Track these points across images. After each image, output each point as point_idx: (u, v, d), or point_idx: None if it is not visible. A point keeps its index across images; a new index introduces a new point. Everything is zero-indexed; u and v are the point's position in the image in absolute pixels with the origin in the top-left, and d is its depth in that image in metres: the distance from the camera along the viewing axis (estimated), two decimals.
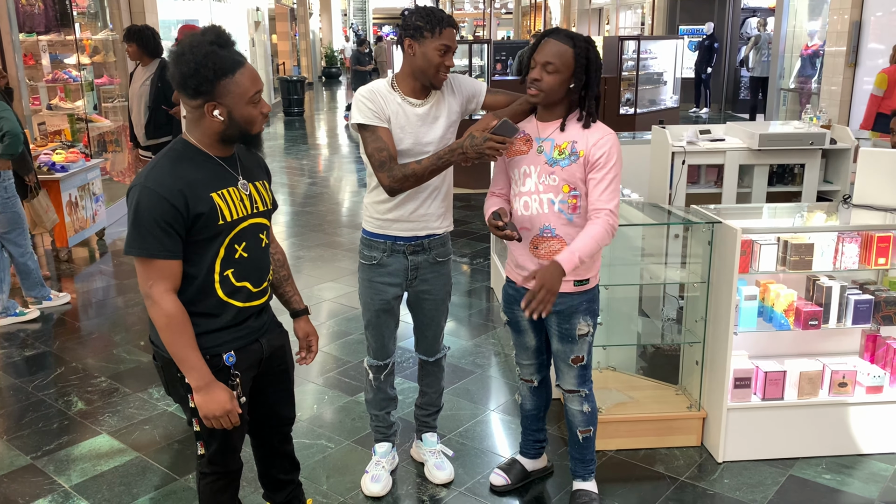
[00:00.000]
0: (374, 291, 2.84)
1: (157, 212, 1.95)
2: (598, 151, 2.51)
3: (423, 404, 3.17)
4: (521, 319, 2.77)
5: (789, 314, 3.18)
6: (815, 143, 4.71)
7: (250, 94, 2.03)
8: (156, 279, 1.99)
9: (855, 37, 8.60)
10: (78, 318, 5.05)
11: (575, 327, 2.67)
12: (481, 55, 8.94)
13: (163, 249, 1.97)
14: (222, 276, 2.09)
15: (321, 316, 4.95)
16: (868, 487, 3.05)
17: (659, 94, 10.87)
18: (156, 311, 2.00)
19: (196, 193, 2.01)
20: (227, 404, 2.07)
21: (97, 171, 6.80)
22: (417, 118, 2.64)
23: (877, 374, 3.24)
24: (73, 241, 6.27)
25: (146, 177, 1.99)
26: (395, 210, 2.73)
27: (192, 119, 2.06)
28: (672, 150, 4.72)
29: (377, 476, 3.04)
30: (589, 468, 2.92)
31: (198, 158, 2.07)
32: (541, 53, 2.50)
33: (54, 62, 7.68)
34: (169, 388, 2.22)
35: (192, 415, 2.15)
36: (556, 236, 2.60)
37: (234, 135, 2.07)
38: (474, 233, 6.91)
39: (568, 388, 2.80)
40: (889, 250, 3.13)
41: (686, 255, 3.66)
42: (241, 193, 2.12)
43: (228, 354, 2.13)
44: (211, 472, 2.29)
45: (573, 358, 2.72)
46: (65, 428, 3.60)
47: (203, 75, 1.95)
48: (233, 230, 2.09)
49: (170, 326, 2.01)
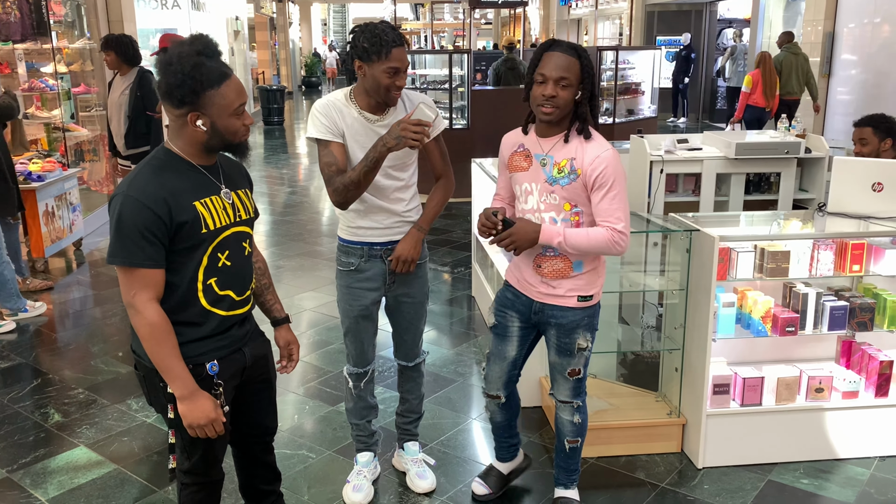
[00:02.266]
0: (352, 297, 2.85)
1: (140, 221, 1.95)
2: (595, 172, 2.45)
3: (403, 412, 3.17)
4: (510, 325, 2.76)
5: (767, 321, 3.21)
6: (791, 151, 4.78)
7: (234, 107, 2.04)
8: (139, 288, 1.98)
9: (828, 47, 8.74)
10: (55, 329, 4.98)
11: (575, 342, 2.66)
12: (461, 65, 8.98)
13: (146, 258, 1.97)
14: (205, 284, 2.09)
15: (301, 325, 4.92)
16: (845, 492, 3.09)
17: (637, 104, 10.96)
18: (139, 320, 1.99)
19: (179, 202, 2.00)
20: (211, 413, 2.07)
21: (74, 180, 6.73)
22: (374, 134, 2.64)
23: (852, 380, 3.29)
24: (50, 252, 6.19)
25: (129, 185, 1.99)
26: (366, 219, 2.77)
27: (174, 128, 2.06)
28: (650, 159, 4.77)
29: (358, 486, 3.03)
30: (572, 477, 2.93)
31: (180, 167, 2.07)
32: (550, 68, 2.41)
33: (30, 71, 7.59)
34: (150, 399, 2.21)
35: (170, 425, 2.14)
36: (559, 255, 2.57)
37: (217, 145, 2.08)
38: (455, 241, 6.92)
39: (562, 399, 2.80)
40: (863, 257, 3.18)
41: (665, 262, 3.70)
42: (223, 202, 2.12)
43: (211, 364, 2.13)
44: (192, 482, 2.27)
45: (570, 371, 2.72)
46: (41, 440, 3.55)
47: (189, 86, 1.95)
48: (216, 238, 2.09)
49: (153, 335, 2.00)
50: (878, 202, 3.32)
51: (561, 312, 2.62)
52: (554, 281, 2.60)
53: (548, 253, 2.58)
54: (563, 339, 2.66)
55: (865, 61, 8.45)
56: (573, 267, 2.59)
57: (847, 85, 8.69)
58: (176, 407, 2.08)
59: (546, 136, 2.55)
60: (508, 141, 2.69)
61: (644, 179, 4.83)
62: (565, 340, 2.66)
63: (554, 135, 2.53)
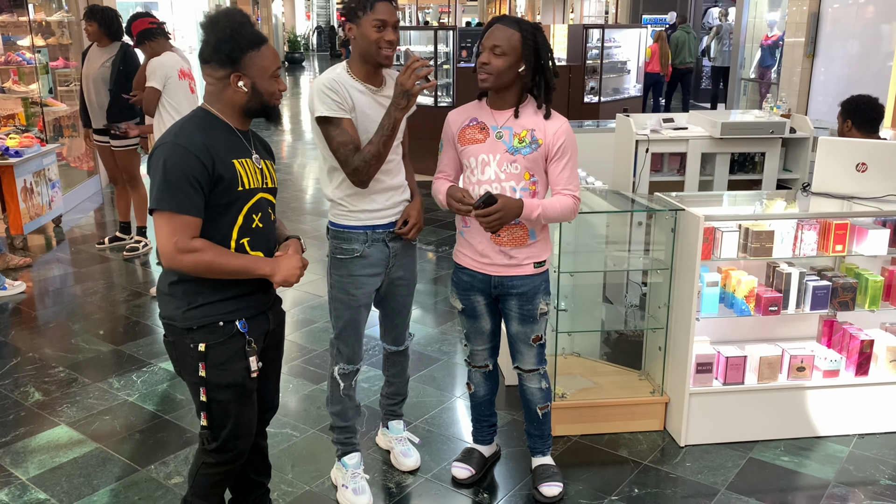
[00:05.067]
0: (355, 286, 2.72)
1: (188, 167, 2.00)
2: (558, 141, 2.58)
3: (389, 394, 3.14)
4: (477, 305, 2.81)
5: (750, 300, 3.23)
6: (776, 131, 4.79)
7: (272, 70, 2.13)
8: (181, 234, 2.02)
9: (813, 28, 8.74)
10: (34, 308, 4.93)
11: (536, 308, 2.74)
12: (446, 42, 8.89)
13: (192, 206, 2.02)
14: (238, 243, 2.15)
15: (286, 304, 4.88)
16: (824, 469, 3.13)
17: (622, 83, 10.93)
18: (194, 257, 2.03)
19: (220, 156, 2.07)
20: (296, 261, 2.18)
21: (53, 156, 6.62)
22: (381, 107, 2.58)
23: (833, 359, 3.32)
24: (29, 229, 6.11)
25: (175, 135, 2.05)
26: (369, 201, 2.66)
27: (214, 91, 2.13)
28: (636, 139, 4.76)
29: (359, 488, 2.88)
30: (547, 443, 3.01)
31: (219, 127, 2.14)
32: (489, 38, 2.54)
33: (7, 44, 7.44)
34: (179, 365, 2.22)
35: (200, 384, 2.16)
36: (518, 223, 2.63)
37: (255, 107, 2.16)
38: (440, 220, 6.90)
39: (528, 368, 2.86)
40: (846, 237, 3.20)
41: (649, 242, 3.70)
42: (255, 166, 2.19)
43: (242, 322, 2.18)
44: (217, 461, 2.26)
45: (534, 337, 2.79)
46: (21, 419, 3.51)
47: (237, 42, 2.05)
48: (250, 199, 2.15)
49: (216, 256, 2.06)
50: (861, 182, 3.33)
51: (520, 281, 2.70)
52: (512, 250, 2.67)
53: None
54: (525, 307, 2.73)
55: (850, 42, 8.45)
56: (529, 235, 2.67)
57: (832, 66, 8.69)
58: (206, 365, 2.13)
59: (500, 109, 2.64)
60: (456, 118, 2.74)
61: (629, 159, 4.83)
62: (528, 307, 2.73)
63: (508, 108, 2.63)
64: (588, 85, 9.85)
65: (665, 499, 2.94)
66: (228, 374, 2.17)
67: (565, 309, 3.47)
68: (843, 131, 3.90)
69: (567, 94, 9.49)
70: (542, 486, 2.90)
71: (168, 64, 4.82)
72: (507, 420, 3.46)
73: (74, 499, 2.93)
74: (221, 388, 2.17)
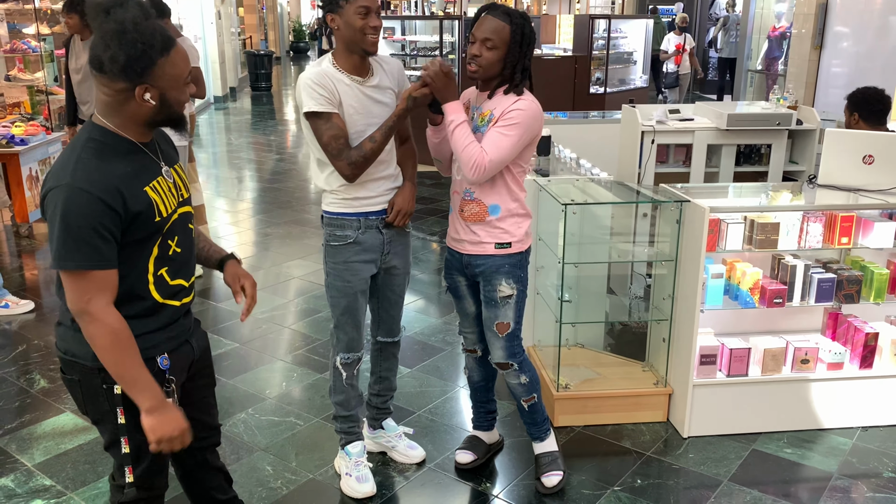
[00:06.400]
0: (351, 273, 2.74)
1: (93, 216, 1.70)
2: (507, 113, 2.54)
3: (381, 391, 3.08)
4: (459, 285, 2.85)
5: (755, 292, 3.22)
6: (782, 123, 4.76)
7: (184, 76, 1.83)
8: (94, 293, 1.74)
9: (821, 19, 8.69)
10: (40, 295, 4.94)
11: (496, 288, 2.70)
12: (452, 31, 8.87)
13: (102, 260, 1.73)
14: (157, 276, 1.89)
15: (289, 293, 4.91)
16: (828, 461, 3.13)
17: (629, 74, 10.89)
18: (97, 328, 1.75)
19: (131, 190, 1.77)
20: (182, 423, 1.86)
21: (58, 144, 6.63)
22: (367, 98, 2.60)
23: (838, 351, 3.31)
24: (34, 217, 6.12)
25: (73, 175, 1.72)
26: (363, 189, 2.68)
27: (111, 104, 1.79)
28: (642, 130, 4.74)
29: (363, 476, 2.90)
30: (543, 427, 2.97)
31: (121, 148, 1.81)
32: (480, 30, 2.55)
33: (12, 32, 7.44)
34: (86, 406, 1.94)
35: (119, 433, 1.89)
36: (474, 199, 2.67)
37: (162, 120, 1.85)
38: (444, 211, 6.90)
39: (497, 362, 2.81)
40: (852, 230, 3.19)
41: (654, 233, 3.69)
42: (167, 182, 1.90)
43: (162, 357, 1.93)
44: (132, 499, 1.99)
45: (497, 324, 2.73)
46: (27, 406, 3.53)
47: (150, 56, 1.73)
48: (165, 225, 1.88)
49: (117, 344, 1.77)
50: (868, 175, 3.32)
51: (482, 260, 2.70)
52: (474, 225, 2.68)
53: (466, 196, 2.68)
54: (486, 288, 2.73)
55: (858, 34, 8.40)
56: (489, 211, 2.66)
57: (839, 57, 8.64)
58: (126, 410, 1.86)
59: (483, 91, 2.70)
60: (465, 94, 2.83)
61: (635, 150, 4.81)
62: (488, 288, 2.73)
63: (486, 90, 2.69)
64: (594, 75, 9.82)
65: (668, 490, 2.94)
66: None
67: (569, 300, 3.46)
68: (850, 123, 3.89)
69: (573, 85, 9.46)
70: (543, 478, 2.91)
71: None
72: (510, 410, 3.47)
73: (79, 485, 2.94)
74: (140, 431, 1.86)
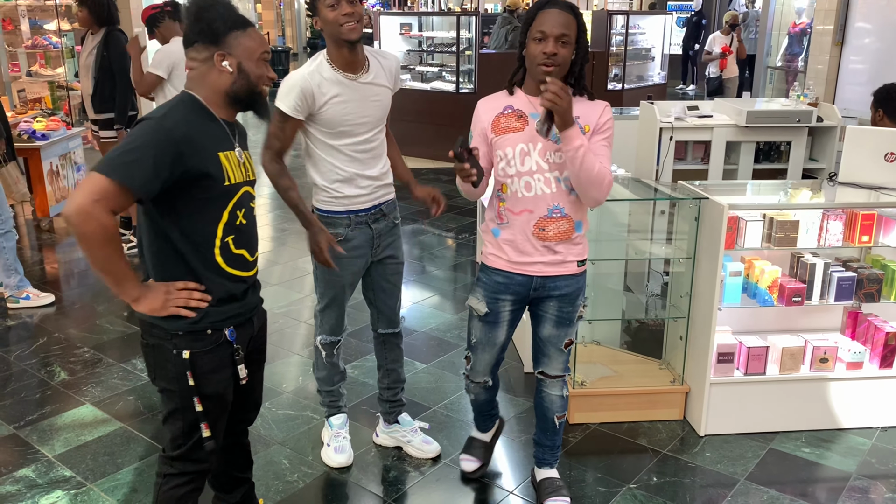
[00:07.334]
0: (340, 267, 2.78)
1: (162, 151, 1.85)
2: (604, 120, 2.42)
3: (391, 384, 3.11)
4: (502, 311, 2.59)
5: (773, 290, 3.20)
6: (802, 120, 4.72)
7: (259, 52, 2.02)
8: (107, 200, 1.82)
9: (842, 15, 8.59)
10: (60, 289, 4.99)
11: (576, 310, 2.59)
12: (469, 28, 8.85)
13: (143, 184, 1.84)
14: (223, 242, 2.03)
15: (305, 289, 4.93)
16: (846, 461, 3.10)
17: (646, 70, 10.83)
18: (92, 224, 1.81)
19: (206, 149, 1.95)
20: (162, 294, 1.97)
21: (79, 140, 6.70)
22: (360, 94, 2.65)
23: (857, 351, 3.28)
24: (55, 211, 6.19)
25: (164, 116, 1.92)
26: (351, 187, 2.74)
27: (197, 76, 2.01)
28: (660, 126, 4.72)
29: (341, 447, 3.03)
30: (556, 454, 2.86)
31: (206, 115, 2.01)
32: (550, 25, 2.29)
33: (34, 28, 7.53)
34: (156, 371, 2.08)
35: (190, 395, 2.02)
36: (565, 216, 2.46)
37: (242, 91, 2.02)
38: (460, 207, 6.89)
39: (554, 374, 2.69)
40: (873, 228, 3.16)
41: (672, 231, 3.67)
42: (237, 158, 2.06)
43: (230, 330, 2.07)
44: (179, 472, 2.10)
45: (567, 342, 2.63)
46: (48, 398, 3.57)
47: (222, 19, 1.96)
48: (234, 195, 2.03)
49: (109, 241, 1.85)
50: (890, 172, 3.28)
51: (564, 282, 2.53)
52: (558, 245, 2.48)
53: (554, 214, 2.45)
54: (565, 310, 2.57)
55: (880, 30, 8.29)
56: (575, 227, 2.49)
57: (860, 54, 8.54)
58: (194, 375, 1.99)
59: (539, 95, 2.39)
60: (488, 105, 2.50)
61: (653, 146, 4.79)
62: (567, 310, 2.57)
63: None
64: (612, 72, 9.78)
65: (684, 488, 2.93)
66: (211, 384, 2.05)
67: (586, 297, 3.45)
68: (875, 120, 3.84)
69: (590, 81, 9.40)
70: (550, 501, 2.77)
71: (176, 52, 4.65)
72: (526, 407, 3.46)
73: (99, 476, 2.98)
74: (204, 399, 2.04)
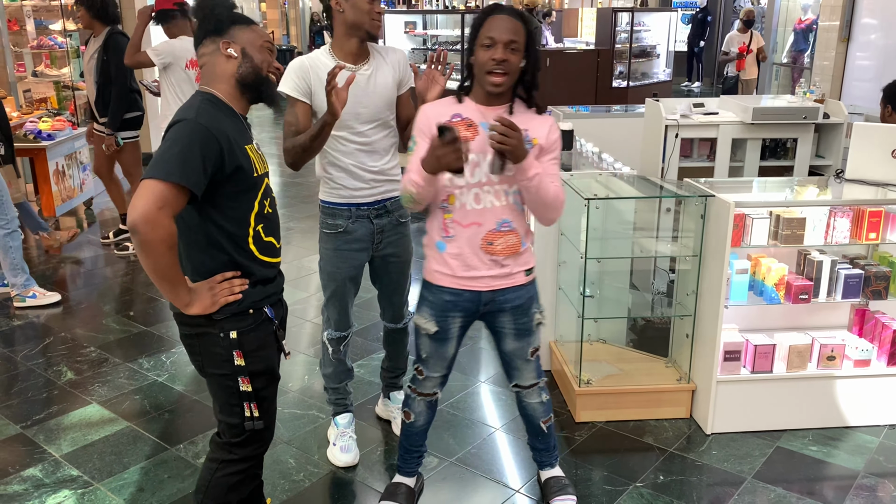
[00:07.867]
0: (340, 260, 2.82)
1: (207, 148, 1.95)
2: (553, 137, 2.38)
3: (389, 367, 3.26)
4: (451, 327, 2.52)
5: (780, 288, 3.19)
6: (809, 117, 4.69)
7: (261, 41, 2.12)
8: (168, 204, 1.90)
9: (849, 11, 8.55)
10: (66, 288, 5.01)
11: (532, 318, 2.54)
12: None
13: (197, 183, 1.94)
14: (255, 230, 2.12)
15: (311, 287, 4.93)
16: (854, 459, 3.09)
17: (652, 68, 10.81)
18: (160, 231, 1.88)
19: (237, 143, 2.04)
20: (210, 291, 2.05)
21: (84, 139, 6.71)
22: (356, 84, 2.63)
23: (865, 348, 3.27)
24: (61, 211, 6.21)
25: (197, 115, 2.00)
26: (352, 180, 2.75)
27: (207, 70, 2.11)
28: (665, 124, 4.70)
29: (347, 446, 3.04)
30: (554, 454, 2.84)
31: (227, 110, 2.10)
32: (499, 31, 2.24)
33: (39, 28, 7.54)
34: (203, 358, 2.13)
35: (238, 375, 2.09)
36: (513, 229, 2.41)
37: (248, 75, 2.09)
38: None
39: (528, 384, 2.65)
40: (880, 225, 3.14)
41: (678, 228, 3.66)
42: (257, 151, 2.16)
43: (270, 309, 2.18)
44: (241, 457, 2.18)
45: (532, 350, 2.58)
46: (54, 398, 3.58)
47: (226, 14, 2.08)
48: (261, 186, 2.13)
49: (173, 245, 1.93)
50: None
51: (514, 294, 2.47)
52: (506, 259, 2.42)
53: (503, 228, 2.39)
54: (520, 321, 2.52)
55: (886, 26, 8.25)
56: (521, 242, 2.44)
57: (867, 50, 8.50)
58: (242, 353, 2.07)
59: (492, 105, 2.35)
60: (436, 111, 2.40)
61: (658, 144, 4.77)
62: (523, 320, 2.52)
63: (501, 104, 2.36)
64: (616, 69, 9.76)
65: (690, 486, 2.93)
66: (261, 361, 2.14)
67: (591, 295, 3.45)
68: (885, 116, 3.83)
69: (595, 79, 9.41)
70: (555, 500, 2.75)
71: (178, 49, 4.64)
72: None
73: (106, 476, 2.98)
74: (256, 376, 2.13)
